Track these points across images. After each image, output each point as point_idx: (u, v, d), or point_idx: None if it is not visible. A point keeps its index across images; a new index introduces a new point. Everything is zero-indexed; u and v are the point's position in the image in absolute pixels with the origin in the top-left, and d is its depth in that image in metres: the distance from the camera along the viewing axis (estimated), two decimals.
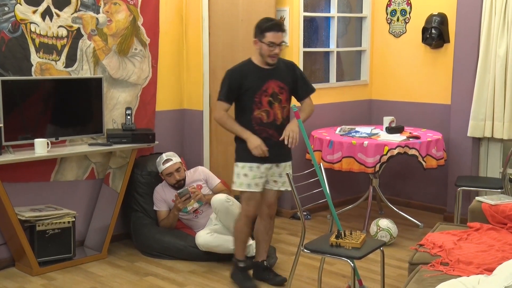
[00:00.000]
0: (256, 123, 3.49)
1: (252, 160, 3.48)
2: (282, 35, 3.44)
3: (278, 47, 3.43)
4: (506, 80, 4.58)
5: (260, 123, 3.49)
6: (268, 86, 3.50)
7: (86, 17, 4.14)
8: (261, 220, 3.67)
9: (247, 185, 3.53)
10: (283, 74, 3.53)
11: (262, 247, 3.72)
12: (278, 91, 3.51)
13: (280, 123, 3.51)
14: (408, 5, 5.30)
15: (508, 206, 3.42)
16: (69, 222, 3.97)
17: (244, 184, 3.53)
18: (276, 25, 3.45)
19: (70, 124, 4.09)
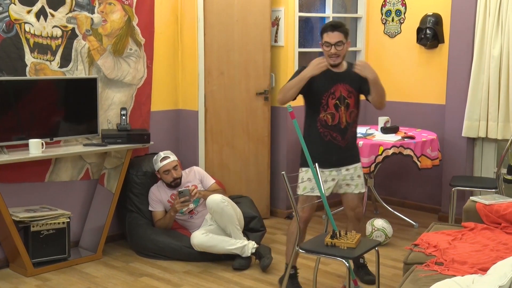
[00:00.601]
0: (321, 125, 3.52)
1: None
2: (337, 35, 3.42)
3: (333, 47, 3.43)
4: (500, 80, 4.60)
5: (325, 125, 3.51)
6: (336, 89, 3.50)
7: (80, 17, 4.13)
8: (349, 224, 3.67)
9: (310, 189, 3.52)
10: (354, 77, 3.47)
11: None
12: (346, 95, 3.50)
13: (344, 126, 3.50)
14: (403, 5, 5.31)
15: (502, 206, 3.43)
16: (63, 222, 3.96)
17: (307, 188, 3.53)
18: (330, 25, 3.47)
19: (64, 124, 4.08)
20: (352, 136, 3.58)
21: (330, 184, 3.56)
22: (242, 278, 3.83)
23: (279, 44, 5.02)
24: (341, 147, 3.53)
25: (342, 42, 3.44)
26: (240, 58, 4.83)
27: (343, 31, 3.45)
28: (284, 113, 5.02)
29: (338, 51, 3.43)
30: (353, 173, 3.57)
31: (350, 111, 3.52)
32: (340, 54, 3.46)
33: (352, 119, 3.55)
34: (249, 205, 4.43)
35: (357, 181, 3.58)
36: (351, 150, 3.58)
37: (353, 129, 3.58)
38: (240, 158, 4.93)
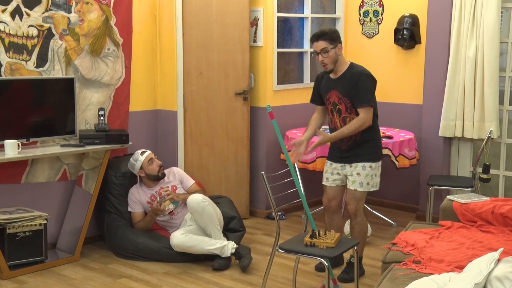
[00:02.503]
0: (329, 126, 3.85)
1: (328, 158, 3.85)
2: (321, 43, 3.60)
3: (320, 55, 3.60)
4: (476, 81, 4.66)
5: (329, 127, 3.85)
6: (331, 95, 3.71)
7: (57, 17, 4.08)
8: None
9: (326, 178, 3.85)
10: (346, 85, 3.62)
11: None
12: (337, 101, 3.67)
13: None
14: (380, 6, 5.36)
15: (478, 205, 3.48)
16: (40, 224, 3.91)
17: (324, 177, 3.86)
18: (314, 34, 3.65)
19: (41, 125, 4.03)
20: (354, 140, 3.66)
21: (336, 177, 3.78)
22: (221, 279, 3.82)
23: (258, 44, 5.02)
24: (341, 148, 3.72)
25: (327, 49, 3.58)
26: (219, 58, 4.83)
27: (327, 38, 3.59)
28: (263, 113, 5.03)
29: (324, 58, 3.59)
30: (353, 169, 3.69)
31: (342, 116, 3.66)
32: (328, 61, 3.61)
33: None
34: (229, 206, 4.42)
35: (355, 178, 3.68)
36: (353, 150, 3.68)
37: (355, 135, 3.64)
38: (220, 158, 4.92)
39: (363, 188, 3.68)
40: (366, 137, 3.66)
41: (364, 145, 3.67)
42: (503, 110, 4.78)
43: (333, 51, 3.58)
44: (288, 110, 5.23)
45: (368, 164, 3.67)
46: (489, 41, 4.54)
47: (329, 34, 3.61)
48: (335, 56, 3.60)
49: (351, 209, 3.72)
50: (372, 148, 3.70)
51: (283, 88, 5.20)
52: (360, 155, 3.67)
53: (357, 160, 3.68)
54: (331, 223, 3.88)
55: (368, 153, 3.68)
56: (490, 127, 4.58)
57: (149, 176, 4.22)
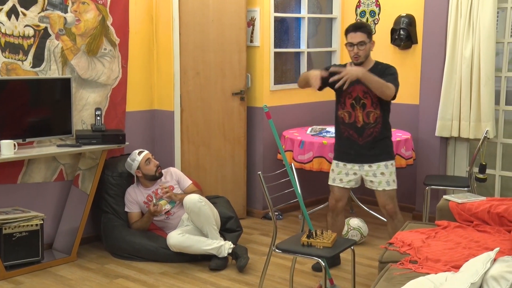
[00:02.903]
0: (340, 122, 3.76)
1: (339, 159, 3.79)
2: (360, 35, 3.59)
3: (356, 47, 3.58)
4: (472, 81, 4.67)
5: (342, 122, 3.74)
6: (354, 89, 3.64)
7: (53, 17, 4.08)
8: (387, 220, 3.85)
9: (332, 179, 3.82)
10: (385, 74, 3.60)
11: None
12: (362, 95, 3.63)
13: (361, 125, 3.67)
14: (377, 6, 5.37)
15: (474, 204, 3.49)
16: (37, 224, 3.90)
17: (330, 178, 3.84)
18: (353, 25, 3.65)
19: (38, 125, 4.02)
20: (373, 136, 3.67)
21: (351, 177, 3.76)
22: (218, 279, 3.82)
23: (254, 44, 5.03)
24: (358, 144, 3.69)
25: (364, 42, 3.60)
26: (216, 58, 4.82)
27: (366, 31, 3.62)
28: (260, 113, 5.03)
29: (360, 50, 3.59)
30: (375, 169, 3.69)
31: (366, 111, 3.65)
32: (362, 54, 3.61)
33: (373, 120, 3.66)
34: (226, 206, 4.42)
35: (380, 178, 3.69)
36: (373, 149, 3.68)
37: (374, 130, 3.66)
38: (217, 158, 4.92)
39: (391, 187, 3.72)
40: (384, 133, 3.71)
41: (380, 143, 3.69)
42: (499, 110, 4.79)
43: (368, 46, 3.62)
44: (285, 110, 5.23)
45: (390, 162, 3.72)
46: (485, 41, 4.55)
47: (367, 28, 3.65)
48: (368, 50, 3.64)
49: (390, 209, 3.74)
50: (389, 147, 3.75)
51: (280, 88, 5.21)
52: (379, 155, 3.69)
53: (378, 160, 3.69)
54: (334, 224, 3.90)
55: (386, 152, 3.72)
56: (486, 127, 4.59)
57: (146, 176, 4.22)
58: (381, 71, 3.65)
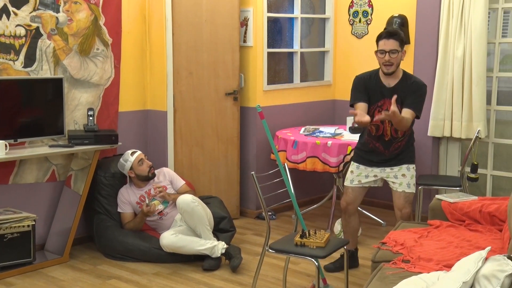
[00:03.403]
0: (367, 134, 3.73)
1: (360, 163, 3.77)
2: (392, 43, 3.46)
3: (388, 54, 3.47)
4: (464, 81, 4.69)
5: (369, 134, 3.70)
6: (384, 102, 3.59)
7: (45, 16, 4.06)
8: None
9: (350, 180, 3.80)
10: (402, 95, 3.51)
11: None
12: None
13: (388, 139, 3.65)
14: (369, 6, 5.38)
15: (466, 204, 3.51)
16: (28, 225, 3.88)
17: (348, 180, 3.82)
18: (387, 32, 3.53)
19: (29, 125, 4.00)
20: (399, 150, 3.68)
21: (371, 178, 3.76)
22: (212, 279, 3.82)
23: (248, 44, 5.03)
24: (384, 155, 3.69)
25: (397, 50, 3.47)
26: (209, 58, 4.82)
27: (399, 39, 3.49)
28: (254, 113, 5.03)
29: (391, 58, 3.47)
30: (397, 171, 3.69)
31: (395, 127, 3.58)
32: (394, 62, 3.49)
33: (401, 134, 3.64)
34: (219, 206, 4.42)
35: (401, 180, 3.69)
36: (396, 157, 3.69)
37: (402, 143, 3.66)
38: (210, 158, 4.92)
39: (411, 189, 3.71)
40: (410, 142, 3.74)
41: (406, 151, 3.72)
42: (490, 110, 4.81)
43: (400, 55, 3.51)
44: (278, 110, 5.24)
45: (412, 165, 3.73)
46: (477, 42, 4.57)
47: (400, 36, 3.52)
48: (400, 60, 3.53)
49: (406, 213, 3.71)
50: (411, 152, 3.77)
51: (273, 88, 5.21)
52: (402, 158, 3.71)
53: (400, 163, 3.70)
54: (347, 225, 3.89)
55: (408, 156, 3.73)
56: (478, 127, 4.61)
57: (139, 176, 4.21)
58: (411, 88, 3.54)
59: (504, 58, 4.88)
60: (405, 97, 3.54)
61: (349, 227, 3.89)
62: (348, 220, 3.88)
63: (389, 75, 3.55)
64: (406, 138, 3.69)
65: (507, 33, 4.84)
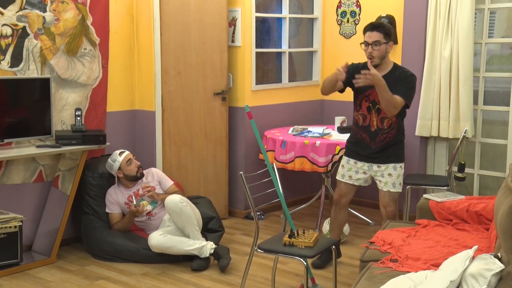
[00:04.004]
0: (354, 123, 3.77)
1: (350, 156, 3.81)
2: (376, 34, 3.50)
3: (370, 46, 3.51)
4: (451, 81, 4.73)
5: (356, 124, 3.75)
6: (371, 92, 3.60)
7: (32, 16, 4.03)
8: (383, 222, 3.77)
9: (341, 175, 3.85)
10: (390, 85, 3.52)
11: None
12: (378, 101, 3.58)
13: (374, 130, 3.67)
14: (357, 6, 5.40)
15: (454, 203, 3.53)
16: (15, 226, 3.85)
17: (339, 174, 3.87)
18: (371, 24, 3.58)
19: (16, 125, 3.97)
20: (386, 142, 3.67)
21: (360, 175, 3.80)
22: (200, 279, 3.81)
23: (236, 44, 5.02)
24: (370, 148, 3.69)
25: (380, 42, 3.51)
26: (197, 58, 4.81)
27: (383, 31, 3.52)
28: (242, 113, 5.03)
29: (374, 50, 3.51)
30: (383, 170, 3.71)
31: (381, 116, 3.62)
32: (376, 54, 3.52)
33: (387, 126, 3.65)
34: (208, 206, 4.42)
35: (387, 179, 3.71)
36: (383, 152, 3.69)
37: (388, 135, 3.67)
38: (198, 158, 4.91)
39: (396, 189, 3.74)
40: (397, 138, 3.72)
41: (393, 147, 3.71)
42: (477, 110, 4.85)
43: (384, 46, 3.53)
44: (266, 110, 5.24)
45: (399, 164, 3.74)
46: (464, 42, 4.61)
47: (386, 28, 3.56)
48: (384, 52, 3.55)
49: (391, 211, 3.74)
50: (400, 150, 3.76)
51: (262, 88, 5.21)
52: (390, 156, 3.71)
53: (388, 161, 3.71)
54: (335, 217, 3.96)
55: (397, 155, 3.73)
56: (465, 127, 4.65)
57: (128, 176, 4.19)
58: (399, 77, 3.58)
59: (491, 58, 4.93)
60: (393, 87, 3.55)
61: (337, 219, 3.97)
62: (338, 212, 3.94)
63: (376, 67, 3.56)
64: (393, 131, 3.69)
65: (493, 34, 4.88)
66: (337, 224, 3.99)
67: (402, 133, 3.77)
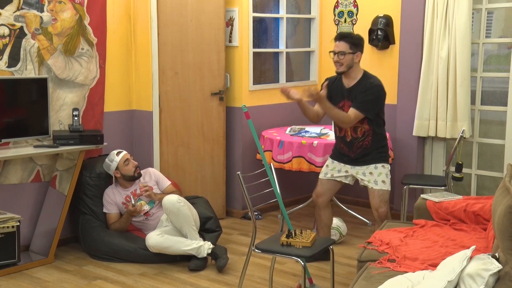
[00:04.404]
0: (334, 134, 3.91)
1: (333, 158, 3.93)
2: (341, 45, 3.63)
3: (337, 55, 3.64)
4: (448, 81, 4.73)
5: (335, 135, 3.89)
6: (344, 104, 3.72)
7: (29, 16, 4.02)
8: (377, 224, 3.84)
9: (324, 173, 3.93)
10: (357, 95, 3.65)
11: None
12: (347, 111, 3.66)
13: (350, 140, 3.76)
14: (355, 6, 5.40)
15: (451, 203, 3.54)
16: (13, 226, 3.84)
17: (322, 173, 3.96)
18: (338, 34, 3.72)
19: (14, 125, 3.96)
20: (363, 149, 3.75)
21: (342, 174, 3.87)
22: (198, 279, 3.81)
23: (233, 44, 5.02)
24: (350, 156, 3.79)
25: (344, 52, 3.62)
26: (194, 58, 4.81)
27: (349, 42, 3.63)
28: (240, 113, 5.03)
29: (340, 59, 3.63)
30: (365, 169, 3.77)
31: (354, 126, 3.70)
32: (343, 63, 3.64)
33: (361, 134, 3.73)
34: (205, 206, 4.41)
35: (369, 177, 3.77)
36: (363, 158, 3.77)
37: (364, 143, 3.74)
38: (196, 158, 4.91)
39: (378, 186, 3.76)
40: (376, 145, 3.78)
41: (373, 153, 3.78)
42: (475, 110, 4.86)
43: (349, 56, 3.64)
44: (264, 110, 5.24)
45: (380, 164, 3.78)
46: (461, 42, 4.61)
47: (353, 38, 3.66)
48: (350, 61, 3.65)
49: (383, 212, 3.78)
50: (381, 154, 3.81)
51: (259, 88, 5.21)
52: (370, 159, 3.78)
53: (369, 162, 3.77)
54: (318, 218, 4.01)
55: (377, 157, 3.78)
56: (462, 127, 4.66)
57: (125, 176, 4.19)
58: (362, 88, 3.66)
59: (488, 58, 4.93)
60: (356, 98, 3.66)
61: (320, 220, 4.00)
62: (319, 213, 3.98)
63: (345, 75, 3.70)
64: (369, 138, 3.74)
65: (490, 34, 4.89)
66: (322, 226, 4.02)
67: (381, 140, 3.80)
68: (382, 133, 3.80)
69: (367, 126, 3.71)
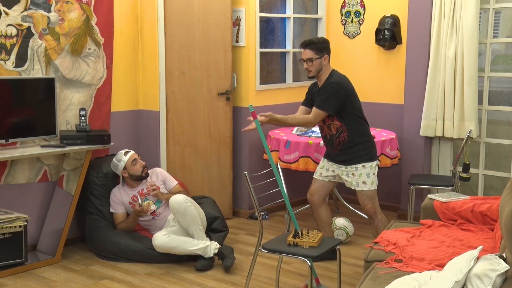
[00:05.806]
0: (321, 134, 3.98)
1: (325, 156, 4.01)
2: (307, 52, 3.74)
3: (305, 63, 3.77)
4: (455, 81, 4.72)
5: (322, 135, 3.96)
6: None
7: (36, 16, 4.04)
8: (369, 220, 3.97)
9: (316, 171, 4.03)
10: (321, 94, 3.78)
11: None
12: None
13: (329, 137, 3.86)
14: (361, 6, 5.39)
15: (458, 203, 3.52)
16: (20, 226, 3.86)
17: (316, 171, 4.05)
18: (303, 42, 3.80)
19: (21, 125, 3.98)
20: (342, 144, 3.81)
21: (330, 173, 3.95)
22: (204, 279, 3.82)
23: (240, 44, 5.03)
24: (333, 153, 3.87)
25: (312, 58, 3.74)
26: (201, 58, 4.82)
27: (314, 48, 3.74)
28: (246, 113, 5.03)
29: (309, 66, 3.75)
30: (348, 170, 3.83)
31: (327, 124, 3.82)
32: (312, 69, 3.76)
33: (335, 131, 3.81)
34: (212, 206, 4.42)
35: (351, 179, 3.83)
36: (346, 155, 3.82)
37: (340, 139, 3.80)
38: (202, 158, 4.91)
39: (360, 187, 3.82)
40: (353, 141, 3.80)
41: (352, 149, 3.81)
42: (482, 110, 4.84)
43: (317, 61, 3.75)
44: (270, 110, 5.17)
45: (360, 164, 3.81)
46: (468, 42, 4.60)
47: (317, 44, 3.76)
48: (319, 65, 3.76)
49: (369, 209, 3.87)
50: (360, 152, 3.82)
51: (266, 88, 5.21)
52: (352, 159, 3.82)
53: (351, 163, 3.83)
54: (316, 218, 4.06)
55: (357, 156, 3.81)
56: (469, 127, 4.64)
57: (133, 176, 4.20)
58: (321, 89, 3.79)
59: (495, 58, 4.91)
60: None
61: (319, 219, 4.05)
62: (316, 212, 4.03)
63: (317, 78, 3.80)
64: (344, 134, 3.78)
65: (498, 33, 4.87)
66: (321, 225, 4.06)
67: (358, 136, 3.81)
68: (359, 129, 3.81)
69: (338, 123, 3.77)
